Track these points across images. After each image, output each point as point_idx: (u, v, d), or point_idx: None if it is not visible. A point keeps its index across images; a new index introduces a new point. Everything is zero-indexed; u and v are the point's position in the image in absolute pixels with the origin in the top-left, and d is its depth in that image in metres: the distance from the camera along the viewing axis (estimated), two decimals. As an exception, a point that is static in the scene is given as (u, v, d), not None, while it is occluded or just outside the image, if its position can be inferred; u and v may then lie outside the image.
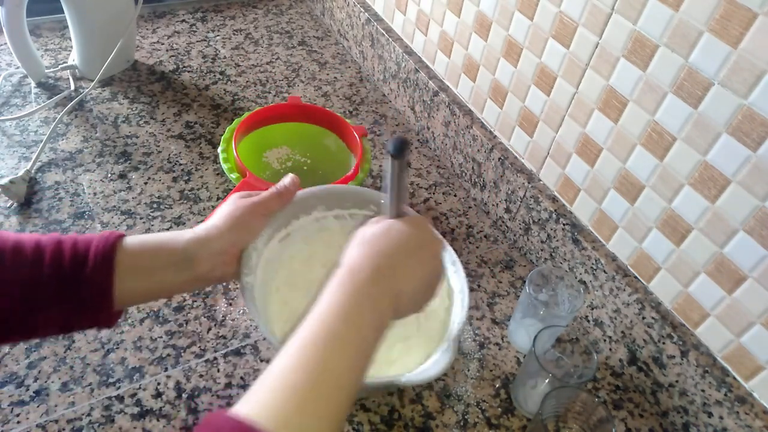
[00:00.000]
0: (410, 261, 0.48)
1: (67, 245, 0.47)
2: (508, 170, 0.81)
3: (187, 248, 0.51)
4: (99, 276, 0.47)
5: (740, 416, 0.57)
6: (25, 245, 0.46)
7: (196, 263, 0.51)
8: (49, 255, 0.46)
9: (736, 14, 0.50)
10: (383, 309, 0.44)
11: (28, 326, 0.47)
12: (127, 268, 0.48)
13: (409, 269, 0.48)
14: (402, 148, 0.48)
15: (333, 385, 0.38)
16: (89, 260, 0.47)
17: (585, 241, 0.71)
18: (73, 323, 0.48)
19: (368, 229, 0.50)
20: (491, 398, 0.66)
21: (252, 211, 0.56)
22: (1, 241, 0.45)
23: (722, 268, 0.58)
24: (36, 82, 0.98)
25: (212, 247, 0.52)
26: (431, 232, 0.53)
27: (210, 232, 0.53)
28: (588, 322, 0.73)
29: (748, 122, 0.52)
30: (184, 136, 0.93)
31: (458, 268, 0.61)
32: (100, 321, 0.49)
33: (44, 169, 0.84)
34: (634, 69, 0.61)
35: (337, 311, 0.42)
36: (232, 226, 0.54)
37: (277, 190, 0.59)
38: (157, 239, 0.51)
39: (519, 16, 0.74)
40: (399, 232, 0.49)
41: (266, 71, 1.09)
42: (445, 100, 0.91)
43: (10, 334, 0.47)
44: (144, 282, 0.50)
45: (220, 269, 0.54)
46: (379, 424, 0.62)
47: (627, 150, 0.64)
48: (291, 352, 0.39)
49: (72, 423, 0.58)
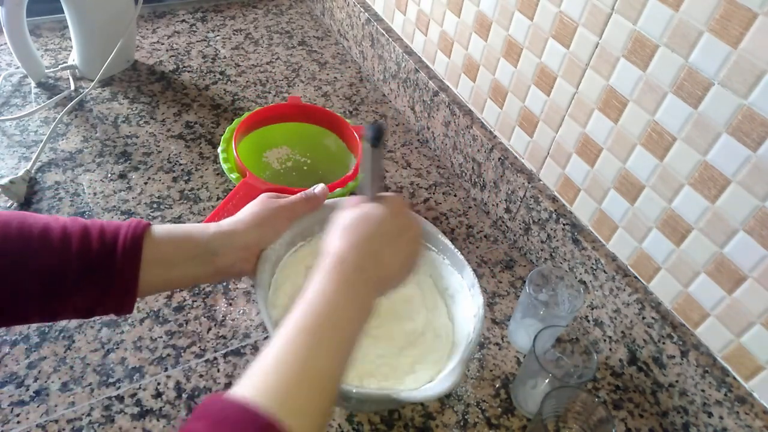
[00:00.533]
0: (392, 247, 0.50)
1: (95, 233, 0.48)
2: (508, 170, 0.81)
3: (211, 241, 0.53)
4: (126, 265, 0.48)
5: (740, 416, 0.57)
6: (52, 232, 0.47)
7: (219, 256, 0.53)
8: (76, 242, 0.47)
9: (736, 14, 0.50)
10: (368, 294, 0.47)
11: (52, 310, 0.48)
12: (153, 259, 0.50)
13: (390, 255, 0.50)
14: (379, 136, 0.49)
15: (323, 368, 0.41)
16: (117, 249, 0.48)
17: (585, 241, 0.71)
18: (96, 309, 0.49)
19: (347, 213, 0.51)
20: (491, 398, 0.66)
21: (278, 212, 0.57)
22: (27, 226, 0.46)
23: (722, 268, 0.58)
24: (36, 82, 0.98)
25: (236, 242, 0.54)
26: (409, 215, 0.54)
27: (235, 227, 0.55)
28: (588, 322, 0.73)
29: (748, 122, 0.52)
30: (184, 136, 0.93)
31: (476, 292, 0.60)
32: (121, 307, 0.50)
33: (44, 169, 0.84)
34: (634, 69, 0.61)
35: (325, 299, 0.44)
36: (257, 224, 0.56)
37: (306, 195, 0.61)
38: (182, 230, 0.53)
39: (519, 16, 0.74)
40: (379, 218, 0.51)
41: (266, 71, 1.09)
42: (445, 100, 0.91)
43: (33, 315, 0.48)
44: (168, 272, 0.51)
45: (240, 265, 0.55)
46: (379, 424, 0.62)
47: (627, 150, 0.64)
48: (283, 338, 0.41)
49: (72, 423, 0.58)
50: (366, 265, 0.48)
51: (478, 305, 0.59)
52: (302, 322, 0.42)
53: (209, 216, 0.68)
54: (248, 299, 0.72)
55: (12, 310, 0.46)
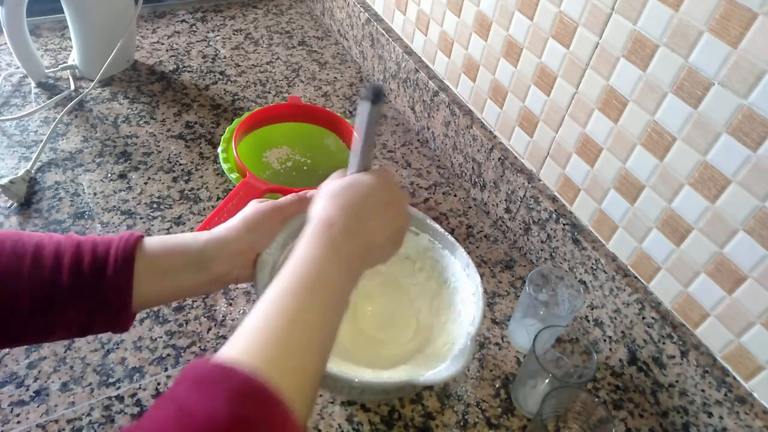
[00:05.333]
0: (379, 216, 0.49)
1: (87, 249, 0.47)
2: (508, 170, 0.81)
3: (204, 249, 0.52)
4: (119, 280, 0.47)
5: (740, 416, 0.57)
6: (45, 249, 0.46)
7: (214, 264, 0.52)
8: (68, 259, 0.46)
9: (736, 14, 0.50)
10: (354, 260, 0.46)
11: (46, 328, 0.47)
12: (146, 271, 0.48)
13: (378, 223, 0.49)
14: (378, 95, 0.49)
15: (309, 329, 0.40)
16: (109, 264, 0.47)
17: (585, 241, 0.71)
18: (91, 326, 0.48)
19: (335, 182, 0.51)
20: (491, 398, 0.66)
21: (269, 214, 0.57)
22: (21, 246, 0.45)
23: (722, 268, 0.58)
24: (36, 82, 0.98)
25: (229, 248, 0.53)
26: (398, 186, 0.54)
27: (228, 234, 0.54)
28: (588, 322, 0.73)
29: (748, 122, 0.52)
30: (184, 136, 0.93)
31: (471, 271, 0.61)
32: (116, 324, 0.49)
33: (44, 169, 0.84)
34: (634, 69, 0.61)
35: (312, 262, 0.44)
36: (249, 228, 0.55)
37: (298, 196, 0.60)
38: (174, 241, 0.52)
39: (519, 16, 0.74)
40: (368, 187, 0.50)
41: (266, 71, 1.09)
42: (445, 100, 0.91)
43: (28, 335, 0.47)
44: (162, 284, 0.50)
45: (237, 271, 0.54)
46: (379, 424, 0.62)
47: (627, 150, 0.64)
48: (270, 300, 0.41)
49: (72, 423, 0.58)
50: (353, 229, 0.47)
51: (476, 284, 0.60)
52: (288, 285, 0.42)
53: (209, 216, 0.68)
54: (248, 299, 0.72)
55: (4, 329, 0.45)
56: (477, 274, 0.61)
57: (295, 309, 0.40)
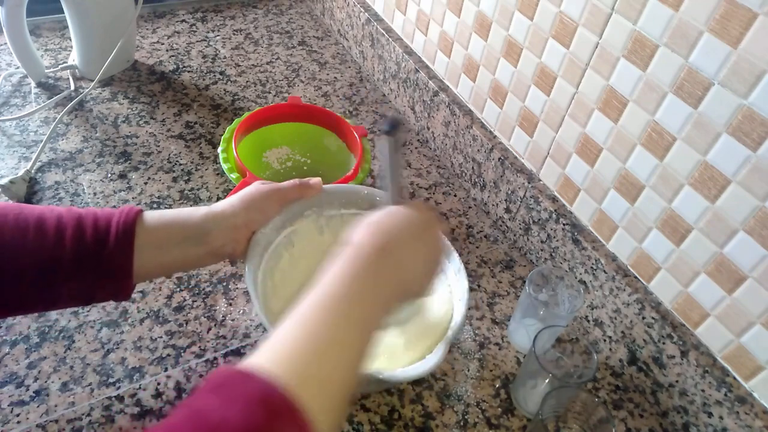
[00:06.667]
0: (415, 242, 0.49)
1: (89, 221, 0.49)
2: (508, 170, 0.81)
3: (202, 222, 0.54)
4: (120, 251, 0.49)
5: (740, 416, 0.57)
6: (48, 222, 0.48)
7: (210, 237, 0.54)
8: (71, 232, 0.48)
9: (736, 14, 0.50)
10: (387, 286, 0.45)
11: (51, 298, 0.49)
12: (146, 243, 0.51)
13: (414, 250, 0.49)
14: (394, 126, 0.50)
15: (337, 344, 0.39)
16: (110, 236, 0.49)
17: (585, 241, 0.71)
18: (94, 295, 0.51)
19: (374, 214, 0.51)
20: (491, 398, 0.66)
21: (269, 195, 0.59)
22: (23, 218, 0.48)
23: (722, 268, 0.58)
24: (36, 82, 0.98)
25: (226, 223, 0.55)
26: (433, 214, 0.54)
27: (225, 208, 0.56)
28: (588, 322, 0.73)
29: (748, 122, 0.52)
30: (184, 136, 0.93)
31: (461, 276, 0.62)
32: (118, 293, 0.51)
33: (44, 169, 0.84)
34: (634, 69, 0.61)
35: (343, 280, 0.43)
36: (247, 206, 0.57)
37: (300, 182, 0.62)
38: (173, 214, 0.54)
39: (519, 16, 0.74)
40: (404, 215, 0.51)
41: (266, 71, 1.09)
42: (445, 100, 0.91)
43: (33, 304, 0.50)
44: (161, 255, 0.52)
45: (231, 245, 0.56)
46: (379, 424, 0.62)
47: (627, 150, 0.64)
48: (299, 315, 0.40)
49: (72, 423, 0.58)
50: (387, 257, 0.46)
51: (463, 289, 0.60)
52: (318, 301, 0.41)
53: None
54: (248, 299, 0.72)
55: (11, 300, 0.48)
56: (466, 280, 0.61)
57: (322, 322, 0.40)
